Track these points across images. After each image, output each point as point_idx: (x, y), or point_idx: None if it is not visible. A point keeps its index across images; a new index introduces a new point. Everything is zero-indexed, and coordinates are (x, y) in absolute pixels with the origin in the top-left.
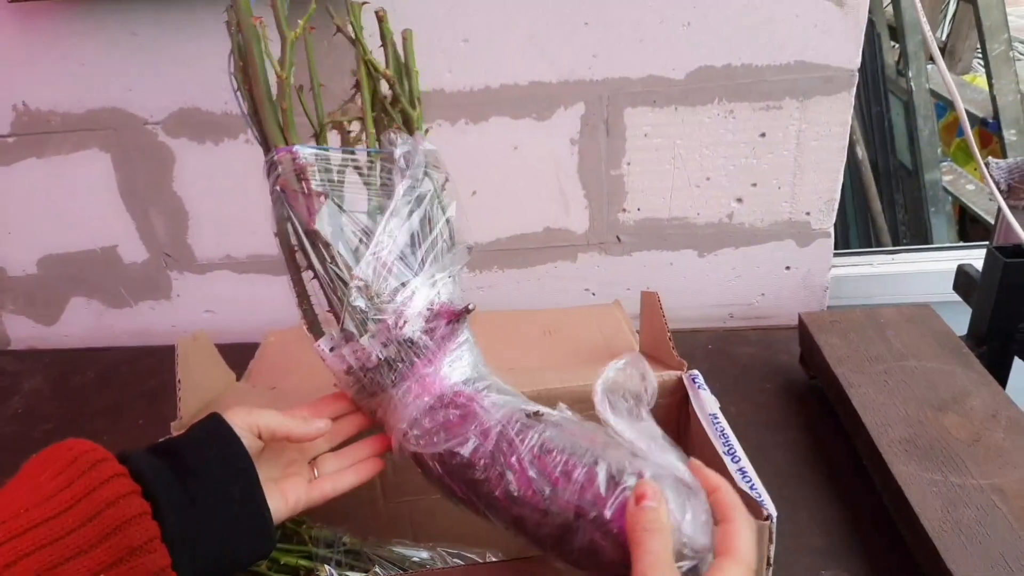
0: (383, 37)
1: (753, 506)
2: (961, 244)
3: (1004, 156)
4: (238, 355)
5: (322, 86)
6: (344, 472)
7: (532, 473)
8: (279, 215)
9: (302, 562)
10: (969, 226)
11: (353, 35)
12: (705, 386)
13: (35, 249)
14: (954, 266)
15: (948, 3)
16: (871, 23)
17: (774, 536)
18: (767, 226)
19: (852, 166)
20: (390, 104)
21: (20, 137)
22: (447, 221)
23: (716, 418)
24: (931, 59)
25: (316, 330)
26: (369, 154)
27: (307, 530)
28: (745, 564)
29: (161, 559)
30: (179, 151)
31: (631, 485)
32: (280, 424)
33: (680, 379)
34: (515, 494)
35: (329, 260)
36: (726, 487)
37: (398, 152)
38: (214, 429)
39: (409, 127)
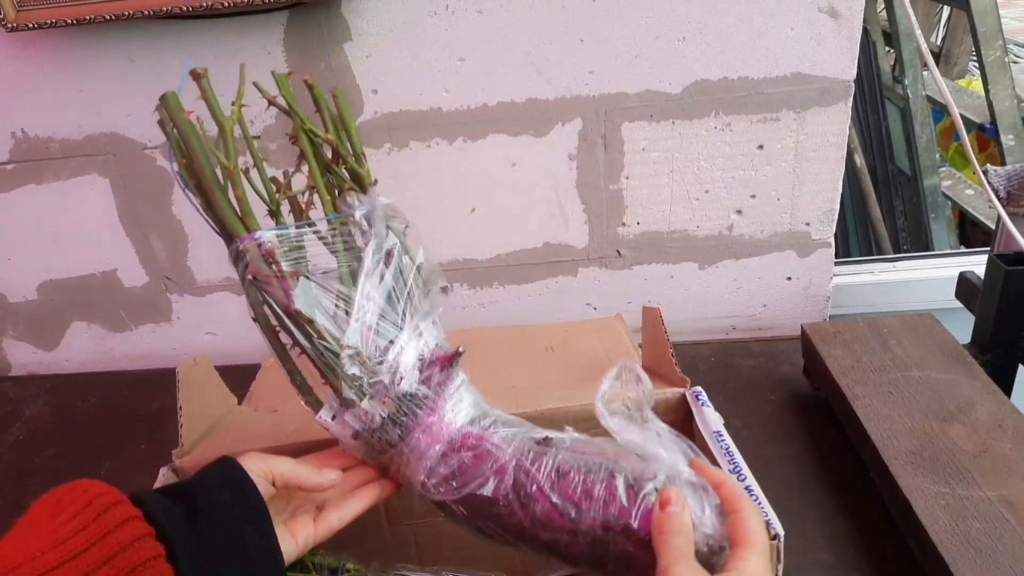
0: (316, 103)
1: None
2: (962, 251)
3: (1002, 161)
4: (239, 377)
5: (264, 161)
6: (348, 501)
7: (555, 498)
8: (254, 300)
9: None
10: (969, 230)
11: (287, 106)
12: (709, 403)
13: (35, 275)
14: (955, 273)
15: (942, 8)
16: (865, 31)
17: (782, 555)
18: (767, 237)
19: (851, 174)
20: (337, 165)
21: (19, 164)
22: (418, 269)
23: (720, 435)
24: (927, 65)
25: (314, 402)
26: (330, 222)
27: (310, 557)
28: (760, 549)
29: None
30: None
31: (650, 491)
32: (293, 473)
33: (683, 396)
34: (542, 521)
35: (316, 336)
36: (730, 480)
37: (358, 214)
38: (229, 473)
39: (361, 184)
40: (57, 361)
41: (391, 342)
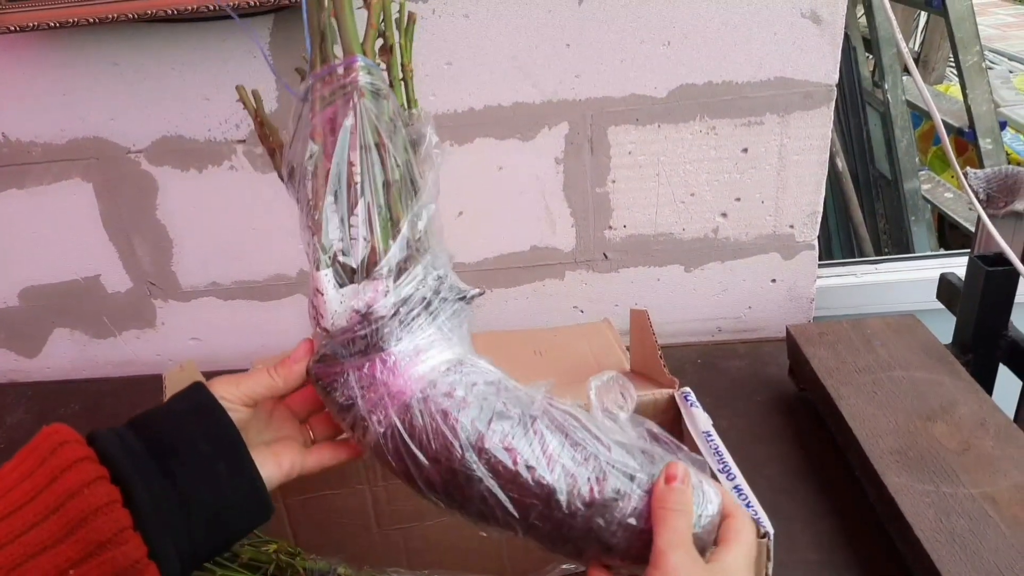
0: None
1: None
2: (943, 252)
3: (980, 164)
4: None
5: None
6: (343, 444)
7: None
8: (331, 120)
9: None
10: (948, 233)
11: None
12: (697, 403)
13: (16, 281)
14: (937, 274)
15: (919, 15)
16: (846, 37)
17: (772, 553)
18: (752, 240)
19: (833, 177)
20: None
21: (1, 168)
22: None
23: (710, 435)
24: (906, 71)
25: (323, 256)
26: (407, 123)
27: (301, 562)
28: (747, 546)
29: (134, 551)
30: (162, 179)
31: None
32: (269, 384)
33: (672, 397)
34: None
35: (385, 184)
36: (726, 492)
37: (429, 130)
38: (196, 400)
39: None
40: (39, 368)
41: (428, 252)
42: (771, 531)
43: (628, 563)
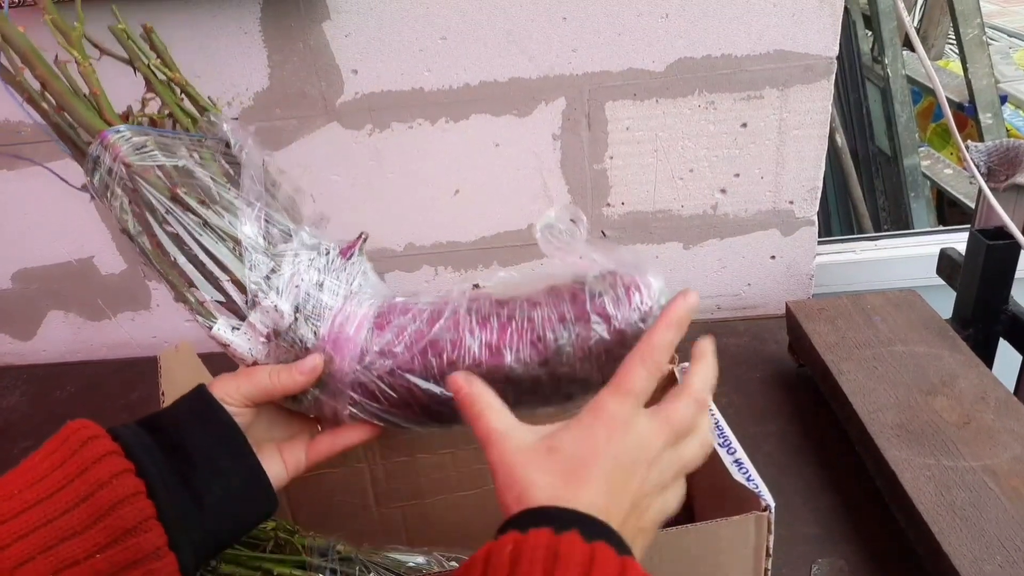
0: (154, 48)
1: (751, 497)
2: (942, 228)
3: (980, 139)
4: (220, 365)
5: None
6: (341, 431)
7: (505, 314)
8: (120, 206)
9: (296, 572)
10: (947, 210)
11: (127, 56)
12: None
13: (9, 263)
14: (936, 250)
15: None
16: (845, 11)
17: (773, 527)
18: (751, 216)
19: (832, 154)
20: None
21: None
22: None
23: (710, 410)
24: (906, 45)
25: (206, 315)
26: (192, 138)
27: (300, 539)
28: (692, 397)
29: (157, 539)
30: None
31: (591, 280)
32: (269, 385)
33: (672, 372)
34: (497, 347)
35: (202, 223)
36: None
37: (227, 126)
38: (196, 403)
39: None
40: (34, 351)
41: (289, 236)
42: (772, 504)
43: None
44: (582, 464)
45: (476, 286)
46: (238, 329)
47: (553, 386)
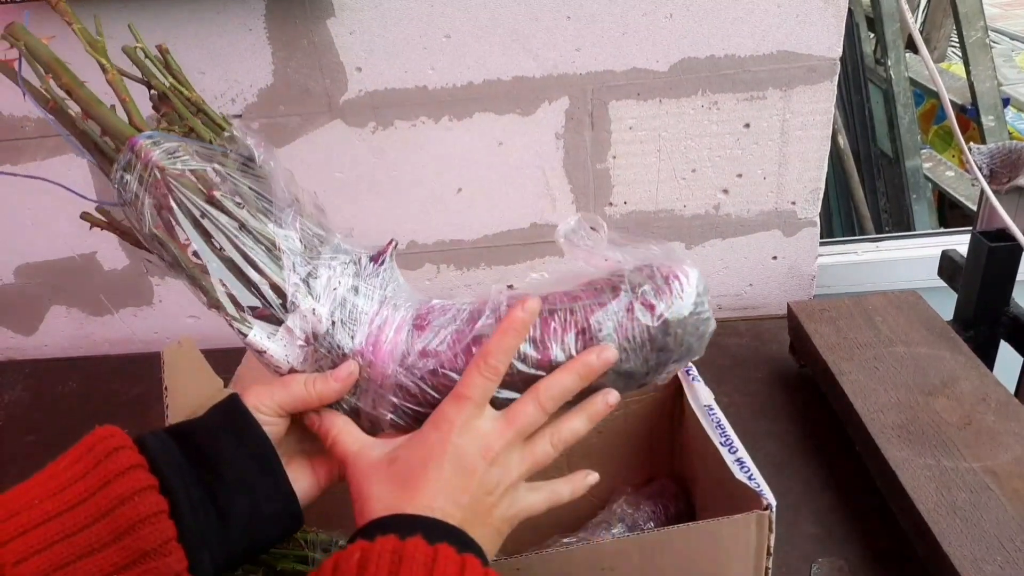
0: (168, 68)
1: (752, 496)
2: (944, 230)
3: (983, 141)
4: (224, 361)
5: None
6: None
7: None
8: (149, 212)
9: (298, 567)
10: (948, 212)
11: (144, 78)
12: (699, 377)
13: (11, 258)
14: (938, 252)
15: None
16: (849, 12)
17: (774, 525)
18: (753, 216)
19: (834, 155)
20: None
21: None
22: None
23: (711, 409)
24: (908, 48)
25: (242, 323)
26: (224, 152)
27: (302, 534)
28: (536, 398)
29: (177, 563)
30: None
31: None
32: (304, 395)
33: (679, 382)
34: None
35: (239, 226)
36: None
37: (251, 140)
38: (229, 413)
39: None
40: (36, 346)
41: (322, 242)
42: (774, 503)
43: None
44: (417, 469)
45: (510, 287)
46: (274, 335)
47: (598, 380)
